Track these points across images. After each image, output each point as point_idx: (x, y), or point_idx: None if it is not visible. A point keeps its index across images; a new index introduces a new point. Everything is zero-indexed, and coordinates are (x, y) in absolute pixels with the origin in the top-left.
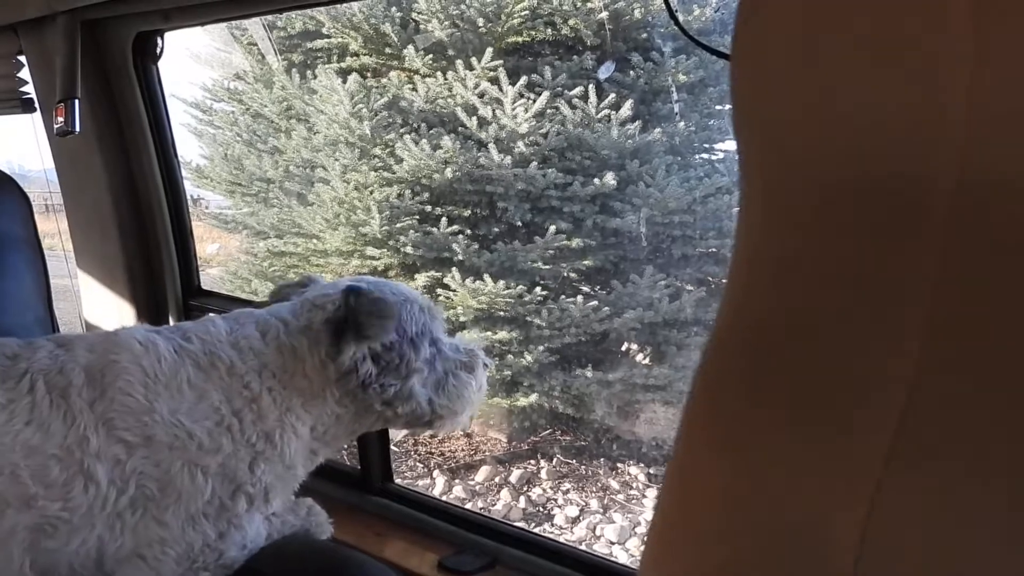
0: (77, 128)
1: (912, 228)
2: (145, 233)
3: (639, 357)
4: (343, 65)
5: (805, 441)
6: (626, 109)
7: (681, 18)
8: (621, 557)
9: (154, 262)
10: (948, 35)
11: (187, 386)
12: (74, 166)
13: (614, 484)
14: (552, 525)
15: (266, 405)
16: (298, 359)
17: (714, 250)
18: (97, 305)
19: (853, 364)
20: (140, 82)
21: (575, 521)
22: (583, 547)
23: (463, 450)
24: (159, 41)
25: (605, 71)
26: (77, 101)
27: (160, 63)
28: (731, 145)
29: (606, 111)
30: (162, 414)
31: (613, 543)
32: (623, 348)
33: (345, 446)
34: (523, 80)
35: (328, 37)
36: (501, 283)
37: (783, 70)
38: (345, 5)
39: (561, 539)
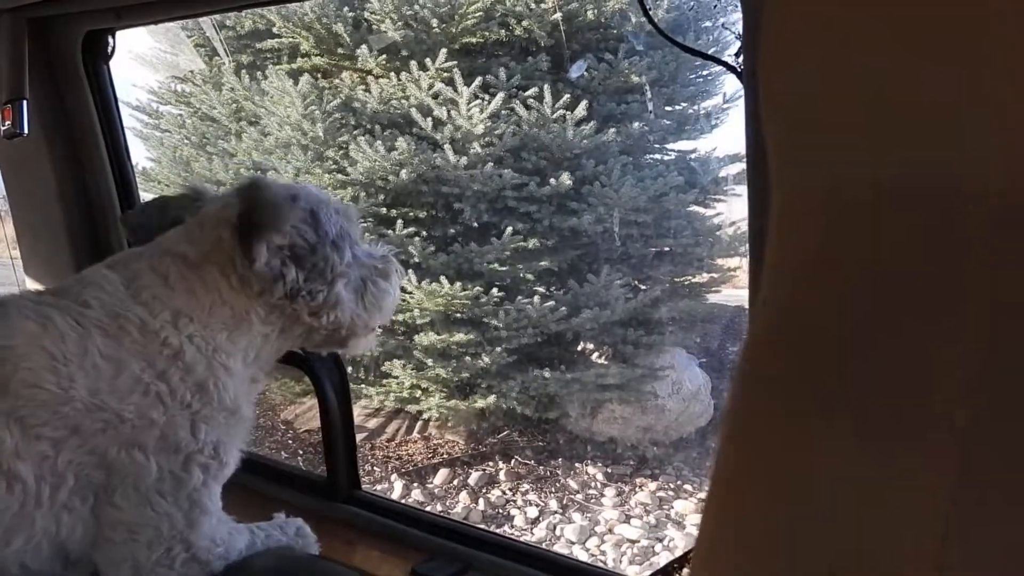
0: (25, 130)
1: (962, 229)
2: (97, 239)
3: (596, 356)
4: (294, 66)
5: (869, 455)
6: (580, 109)
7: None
8: (581, 556)
9: None
10: (990, 19)
11: (101, 359)
12: (21, 170)
13: (573, 484)
14: (511, 527)
15: (191, 356)
16: (211, 289)
17: (668, 249)
18: None
19: (915, 369)
20: (90, 82)
21: (535, 522)
22: (555, 550)
23: (421, 453)
24: (110, 40)
25: (577, 70)
26: (25, 102)
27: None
28: (685, 145)
29: (561, 111)
30: (83, 399)
31: (573, 543)
32: (580, 348)
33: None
34: (478, 81)
35: (279, 37)
36: (458, 285)
37: (817, 69)
38: (296, 5)
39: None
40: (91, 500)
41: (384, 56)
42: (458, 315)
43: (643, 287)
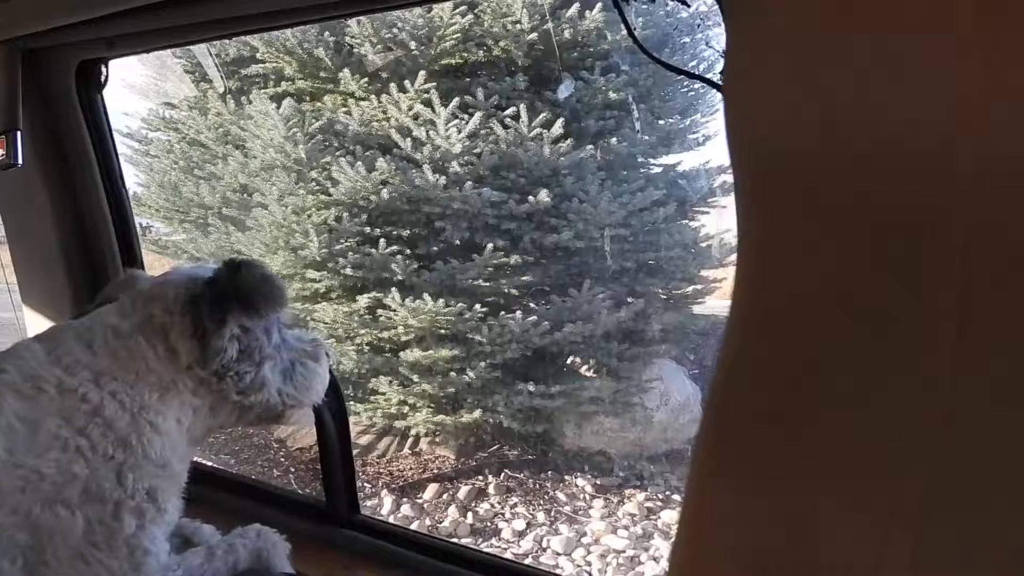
0: (20, 161)
1: (932, 251)
2: (94, 266)
3: (582, 370)
4: (279, 90)
5: (836, 483)
6: (558, 127)
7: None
8: (567, 567)
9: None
10: (955, 36)
11: (16, 421)
12: (17, 200)
13: (561, 496)
14: (499, 539)
15: (112, 411)
16: (136, 357)
17: (651, 262)
18: None
19: (878, 398)
20: (84, 112)
21: (521, 535)
22: (557, 572)
23: (411, 468)
24: (103, 69)
25: (565, 90)
26: (19, 133)
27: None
28: (669, 159)
29: (538, 130)
30: (1, 459)
31: (559, 554)
32: (566, 361)
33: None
34: (455, 101)
35: (263, 62)
36: (441, 302)
37: (781, 88)
38: (278, 31)
39: (531, 562)
40: (19, 563)
41: (366, 79)
42: (442, 331)
43: (629, 300)
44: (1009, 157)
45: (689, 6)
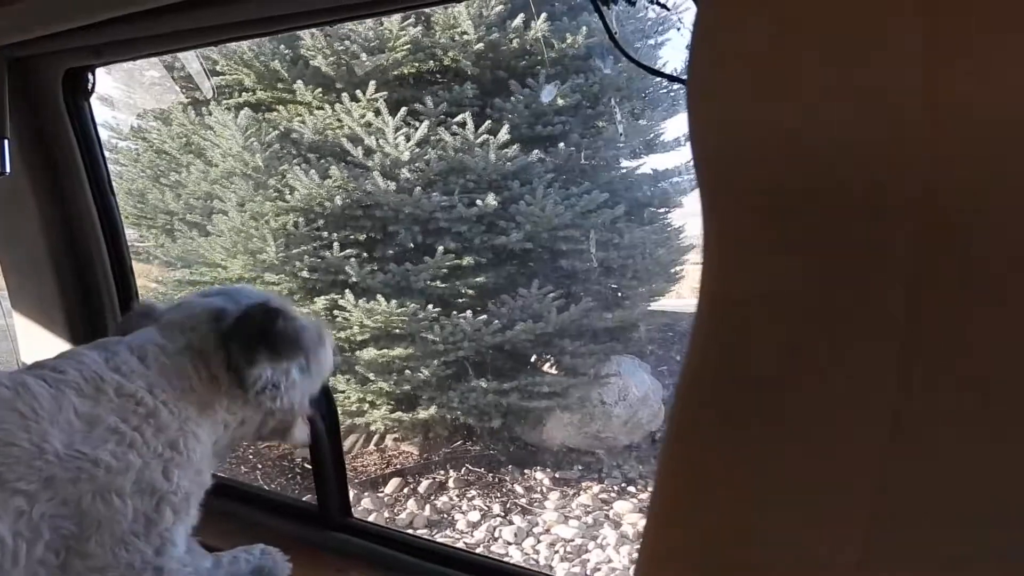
0: (7, 169)
1: (880, 250)
2: (83, 271)
3: (546, 367)
4: (240, 100)
5: (788, 485)
6: (503, 134)
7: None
8: (515, 555)
9: (93, 301)
10: (894, 40)
11: (75, 417)
12: (6, 208)
13: (519, 489)
14: (454, 530)
15: (164, 418)
16: (183, 377)
17: (597, 264)
18: (35, 346)
19: (831, 403)
20: (72, 119)
21: (476, 525)
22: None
23: (375, 464)
24: (90, 77)
25: (548, 94)
26: (6, 141)
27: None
28: (631, 164)
29: (484, 136)
30: (57, 452)
31: (509, 543)
32: (530, 359)
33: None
34: (404, 110)
35: (223, 75)
36: (394, 302)
37: (742, 95)
38: (235, 44)
39: (527, 564)
40: (63, 555)
41: (320, 89)
42: (397, 330)
43: (587, 298)
44: (954, 158)
45: (668, 9)
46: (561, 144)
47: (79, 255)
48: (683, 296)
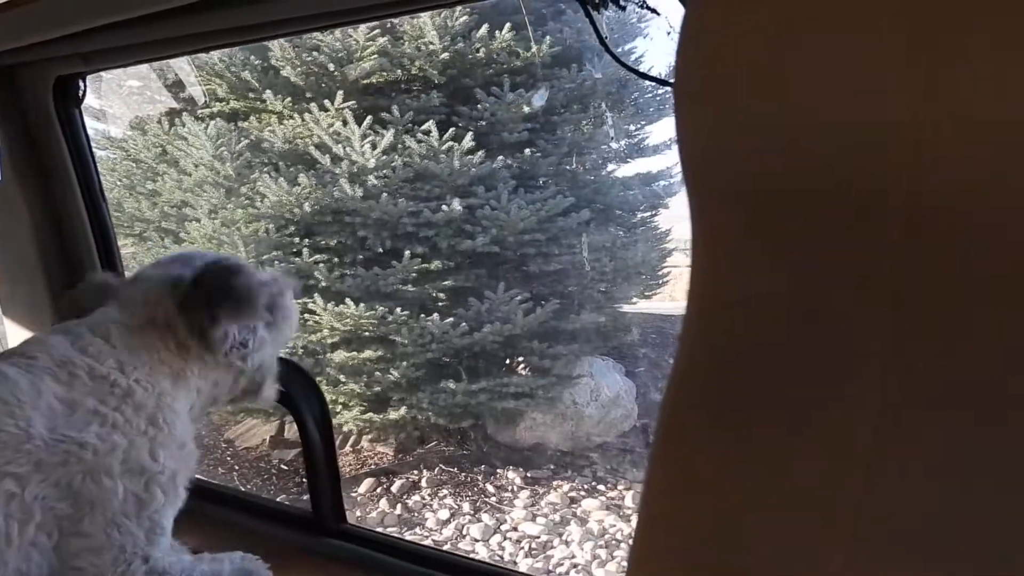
0: None
1: (868, 254)
2: (74, 277)
3: (522, 368)
4: (214, 109)
5: (774, 486)
6: (468, 140)
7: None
8: (482, 552)
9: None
10: (888, 42)
11: (56, 401)
12: None
13: (490, 488)
14: (423, 528)
15: (140, 396)
16: (152, 351)
17: (562, 267)
18: None
19: (819, 403)
20: (63, 126)
21: (445, 523)
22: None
23: (350, 465)
24: (80, 84)
25: (539, 99)
26: None
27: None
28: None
29: (449, 143)
30: (42, 437)
31: (477, 540)
32: (490, 360)
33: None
34: (370, 119)
35: (195, 85)
36: (363, 306)
37: (730, 98)
38: (206, 55)
39: (449, 548)
40: (56, 536)
41: (289, 99)
42: (366, 333)
43: (558, 301)
44: (948, 160)
45: (660, 14)
46: (527, 150)
47: (70, 260)
48: (670, 299)
